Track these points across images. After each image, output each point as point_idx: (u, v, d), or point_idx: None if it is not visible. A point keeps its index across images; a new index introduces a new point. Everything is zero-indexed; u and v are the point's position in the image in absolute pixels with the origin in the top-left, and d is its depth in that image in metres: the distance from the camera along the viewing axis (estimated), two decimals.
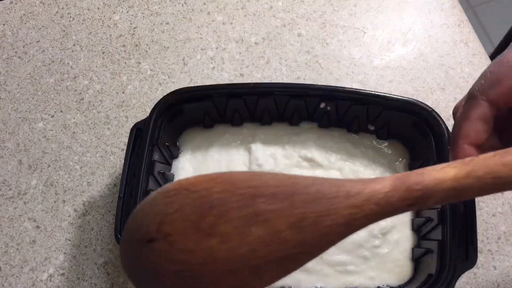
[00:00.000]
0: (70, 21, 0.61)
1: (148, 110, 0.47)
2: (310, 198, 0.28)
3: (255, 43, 0.59)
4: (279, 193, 0.28)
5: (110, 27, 0.60)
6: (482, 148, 0.33)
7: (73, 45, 0.59)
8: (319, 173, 0.48)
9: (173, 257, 0.27)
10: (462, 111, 0.34)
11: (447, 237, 0.40)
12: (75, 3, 0.62)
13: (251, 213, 0.28)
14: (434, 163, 0.44)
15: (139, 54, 0.58)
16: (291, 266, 0.29)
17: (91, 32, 0.60)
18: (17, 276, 0.48)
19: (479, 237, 0.48)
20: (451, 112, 0.54)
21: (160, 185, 0.46)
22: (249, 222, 0.27)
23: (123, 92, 0.56)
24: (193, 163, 0.49)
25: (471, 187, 0.28)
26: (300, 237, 0.28)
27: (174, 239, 0.27)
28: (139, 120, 0.47)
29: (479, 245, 0.47)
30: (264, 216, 0.28)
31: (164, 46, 0.59)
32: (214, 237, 0.27)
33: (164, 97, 0.46)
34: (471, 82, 0.55)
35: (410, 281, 0.44)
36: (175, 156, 0.49)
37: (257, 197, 0.28)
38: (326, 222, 0.28)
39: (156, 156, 0.46)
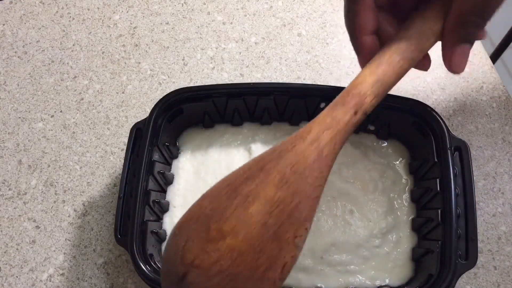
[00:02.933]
0: (70, 21, 0.61)
1: (148, 110, 0.47)
2: (276, 159, 0.33)
3: (255, 43, 0.59)
4: (251, 173, 0.32)
5: (110, 27, 0.60)
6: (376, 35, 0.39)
7: (73, 45, 0.59)
8: None
9: (208, 276, 0.30)
10: (349, 9, 0.38)
11: (447, 237, 0.40)
12: (75, 3, 0.62)
13: (241, 200, 0.31)
14: (434, 163, 0.44)
15: (139, 54, 0.58)
16: (304, 214, 0.32)
17: (91, 32, 0.60)
18: (17, 276, 0.48)
19: (479, 237, 0.48)
20: (451, 112, 0.54)
21: (159, 185, 0.46)
22: (244, 207, 0.31)
23: (123, 92, 0.56)
24: (193, 163, 0.49)
25: (387, 73, 0.35)
26: (292, 188, 0.32)
27: (198, 262, 0.30)
28: (139, 120, 0.47)
29: (479, 245, 0.47)
30: (252, 195, 0.31)
31: (164, 46, 0.59)
32: (227, 237, 0.30)
33: (164, 97, 0.46)
34: (471, 82, 0.56)
35: (410, 281, 0.44)
36: (175, 156, 0.49)
37: (237, 188, 0.32)
38: (302, 166, 0.32)
39: (156, 156, 0.46)
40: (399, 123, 0.47)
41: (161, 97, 0.47)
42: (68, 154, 0.53)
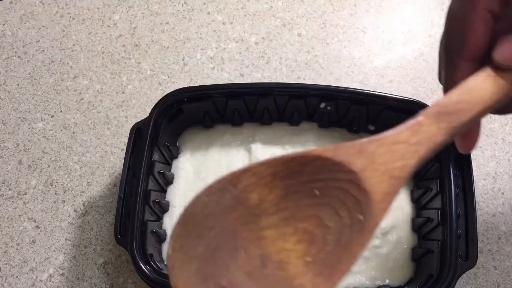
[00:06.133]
0: (70, 21, 0.61)
1: (148, 110, 0.47)
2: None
3: (255, 43, 0.59)
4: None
5: (110, 27, 0.60)
6: None
7: (73, 45, 0.59)
8: None
9: None
10: (446, 76, 0.32)
11: (447, 237, 0.40)
12: (75, 3, 0.62)
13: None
14: (434, 163, 0.44)
15: (139, 54, 0.58)
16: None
17: (91, 32, 0.60)
18: (17, 276, 0.48)
19: (479, 237, 0.48)
20: None
21: (159, 185, 0.46)
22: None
23: (123, 92, 0.56)
24: (193, 163, 0.49)
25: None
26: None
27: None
28: (139, 120, 0.47)
29: (479, 245, 0.47)
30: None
31: (164, 46, 0.59)
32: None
33: (164, 97, 0.46)
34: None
35: (410, 281, 0.44)
36: (175, 156, 0.49)
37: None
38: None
39: (156, 156, 0.46)
40: (399, 123, 0.47)
41: (161, 97, 0.47)
42: (68, 154, 0.53)
